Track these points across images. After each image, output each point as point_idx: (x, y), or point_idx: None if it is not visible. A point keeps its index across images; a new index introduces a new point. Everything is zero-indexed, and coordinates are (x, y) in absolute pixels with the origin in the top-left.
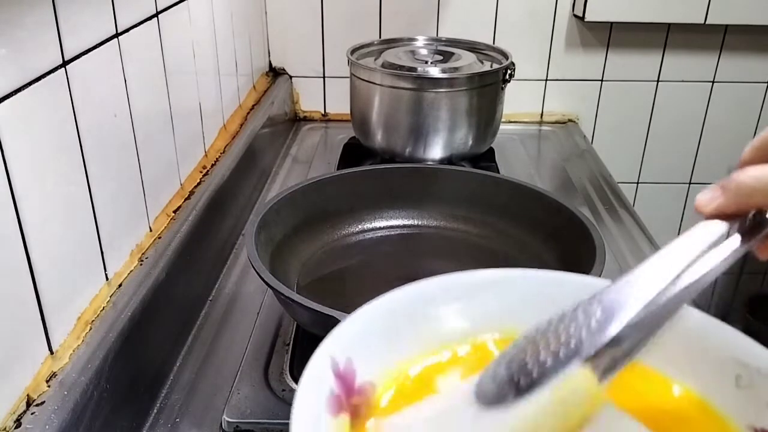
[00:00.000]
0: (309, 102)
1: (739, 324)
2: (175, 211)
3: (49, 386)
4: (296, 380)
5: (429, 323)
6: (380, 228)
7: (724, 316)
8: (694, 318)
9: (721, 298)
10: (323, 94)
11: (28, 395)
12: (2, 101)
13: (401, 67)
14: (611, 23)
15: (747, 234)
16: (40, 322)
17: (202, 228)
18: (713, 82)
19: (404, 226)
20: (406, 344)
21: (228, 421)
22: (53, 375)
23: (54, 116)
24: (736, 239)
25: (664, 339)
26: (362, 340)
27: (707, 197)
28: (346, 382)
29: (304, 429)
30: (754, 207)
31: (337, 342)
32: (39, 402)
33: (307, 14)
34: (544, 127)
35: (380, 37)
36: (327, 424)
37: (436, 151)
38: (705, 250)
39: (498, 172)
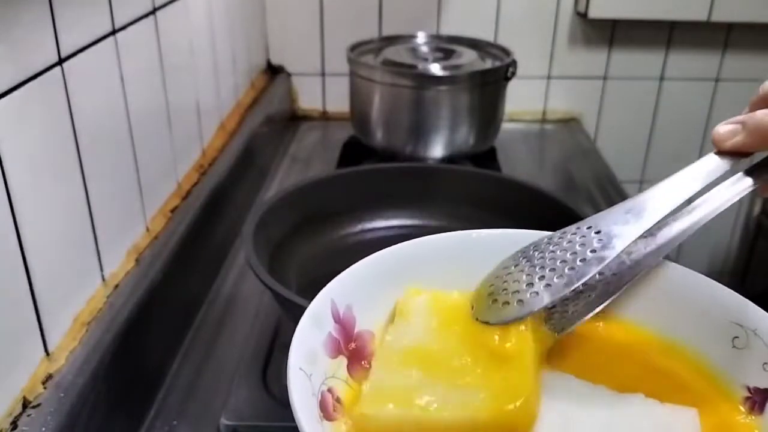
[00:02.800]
0: (308, 100)
1: None
2: (172, 211)
3: (45, 388)
4: None
5: (423, 277)
6: (380, 228)
7: None
8: (696, 280)
9: None
10: (322, 92)
11: (24, 397)
12: None
13: (402, 65)
14: (614, 20)
15: (755, 173)
16: (36, 323)
17: (200, 228)
18: (717, 79)
19: (404, 226)
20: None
21: (226, 424)
22: (49, 377)
23: (50, 114)
24: (743, 178)
25: (668, 300)
26: (362, 288)
27: (727, 131)
28: (345, 326)
29: (302, 365)
30: None
31: (337, 288)
32: (35, 404)
33: (306, 11)
34: (547, 126)
35: (380, 34)
36: (324, 364)
37: (436, 149)
38: (709, 185)
39: (500, 171)
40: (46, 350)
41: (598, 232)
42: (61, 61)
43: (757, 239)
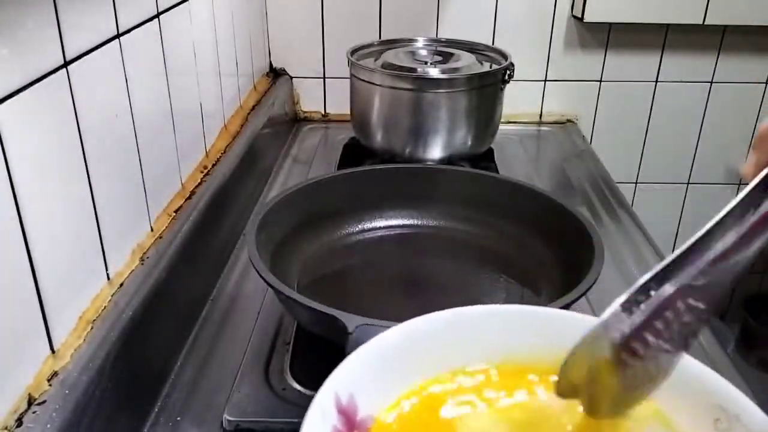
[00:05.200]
0: (309, 102)
1: (737, 323)
2: (176, 211)
3: (50, 385)
4: (297, 379)
5: (424, 357)
6: (380, 228)
7: (722, 315)
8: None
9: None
10: (323, 95)
11: (29, 394)
12: (4, 101)
13: (401, 68)
14: (610, 24)
15: None
16: (42, 321)
17: (203, 228)
18: (712, 82)
19: (404, 226)
20: (406, 378)
21: (229, 420)
22: (54, 374)
23: (55, 116)
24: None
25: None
26: (364, 375)
27: (746, 162)
28: (348, 416)
29: None
30: None
31: (341, 378)
32: (40, 401)
33: (307, 15)
34: (543, 128)
35: (380, 37)
36: None
37: (435, 151)
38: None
39: (497, 173)
40: (51, 348)
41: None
42: (66, 64)
43: None
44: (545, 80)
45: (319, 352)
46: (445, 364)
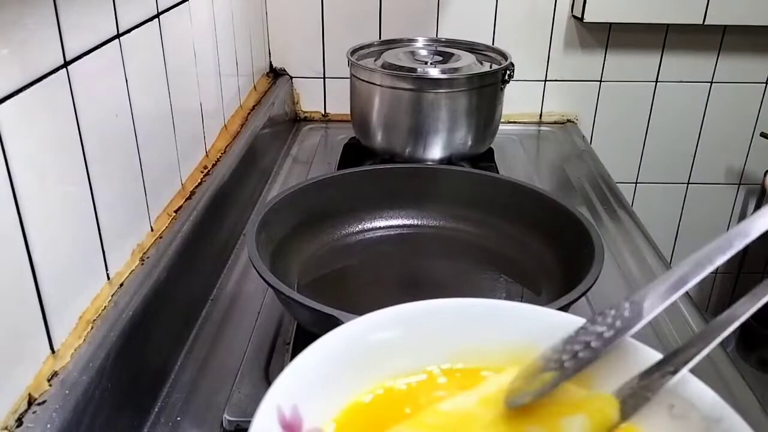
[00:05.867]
0: (309, 102)
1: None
2: (176, 211)
3: (50, 385)
4: None
5: (369, 361)
6: (380, 228)
7: None
8: (631, 346)
9: (720, 297)
10: (323, 95)
11: (29, 394)
12: (4, 101)
13: (401, 68)
14: (610, 24)
15: None
16: (42, 321)
17: (203, 228)
18: (711, 82)
19: (404, 226)
20: (350, 384)
21: (229, 420)
22: (55, 374)
23: (55, 116)
24: None
25: (601, 364)
26: (306, 385)
27: None
28: (293, 430)
29: None
30: None
31: (282, 390)
32: (40, 401)
33: (307, 15)
34: (543, 128)
35: (380, 37)
36: None
37: (435, 151)
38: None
39: (497, 173)
40: (51, 348)
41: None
42: (66, 64)
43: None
44: (545, 80)
45: None
46: (393, 366)
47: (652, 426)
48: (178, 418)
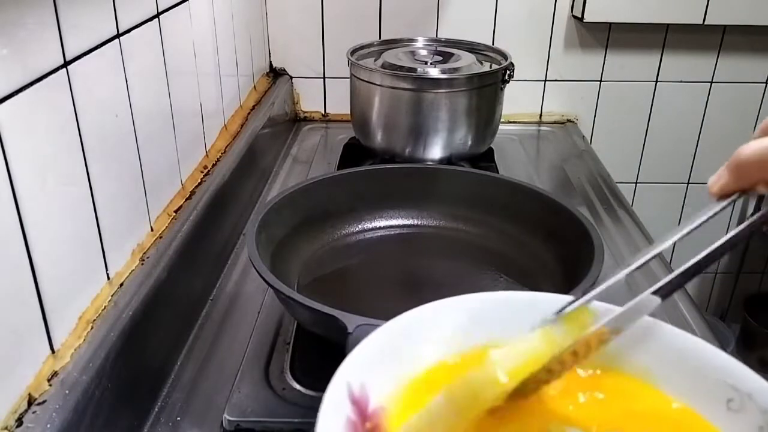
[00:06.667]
0: (309, 102)
1: (737, 323)
2: (176, 211)
3: (50, 385)
4: (297, 379)
5: (428, 344)
6: (380, 228)
7: (722, 315)
8: (690, 342)
9: (720, 297)
10: (323, 95)
11: (29, 394)
12: (4, 101)
13: (401, 68)
14: (610, 24)
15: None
16: (42, 321)
17: (203, 228)
18: (711, 82)
19: (404, 226)
20: (412, 365)
21: (229, 420)
22: (55, 374)
23: (55, 116)
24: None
25: (664, 361)
26: (373, 364)
27: (714, 178)
28: (360, 407)
29: None
30: (755, 182)
31: (351, 368)
32: (40, 401)
33: (307, 15)
34: (543, 128)
35: (380, 37)
36: None
37: (435, 151)
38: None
39: (497, 172)
40: (51, 348)
41: None
42: (66, 64)
43: (751, 239)
44: (545, 80)
45: (319, 352)
46: (449, 347)
47: (712, 418)
48: (178, 418)
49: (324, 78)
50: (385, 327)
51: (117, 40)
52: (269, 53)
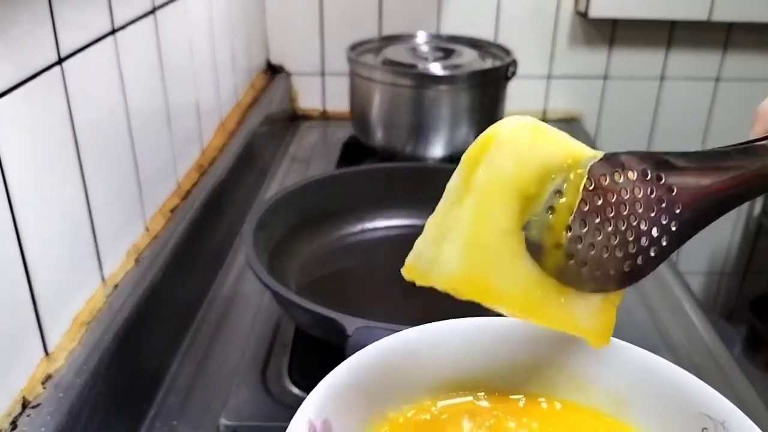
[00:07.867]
0: (308, 100)
1: (743, 325)
2: (171, 211)
3: (44, 388)
4: (295, 382)
5: (402, 376)
6: (380, 228)
7: (729, 317)
8: (663, 369)
9: (726, 299)
10: (322, 92)
11: (23, 397)
12: None
13: (402, 65)
14: (614, 20)
15: None
16: (36, 323)
17: (200, 228)
18: (717, 79)
19: (404, 226)
20: (381, 398)
21: (225, 424)
22: (49, 377)
23: (50, 114)
24: None
25: (635, 390)
26: (338, 399)
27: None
28: None
29: None
30: None
31: (314, 404)
32: (34, 404)
33: (305, 10)
34: None
35: (380, 33)
36: None
37: (437, 149)
38: None
39: None
40: (45, 350)
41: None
42: (60, 61)
43: (758, 239)
44: (549, 77)
45: (317, 354)
46: (426, 385)
47: None
48: (174, 422)
49: (323, 75)
50: (354, 358)
51: (112, 36)
52: (267, 49)
